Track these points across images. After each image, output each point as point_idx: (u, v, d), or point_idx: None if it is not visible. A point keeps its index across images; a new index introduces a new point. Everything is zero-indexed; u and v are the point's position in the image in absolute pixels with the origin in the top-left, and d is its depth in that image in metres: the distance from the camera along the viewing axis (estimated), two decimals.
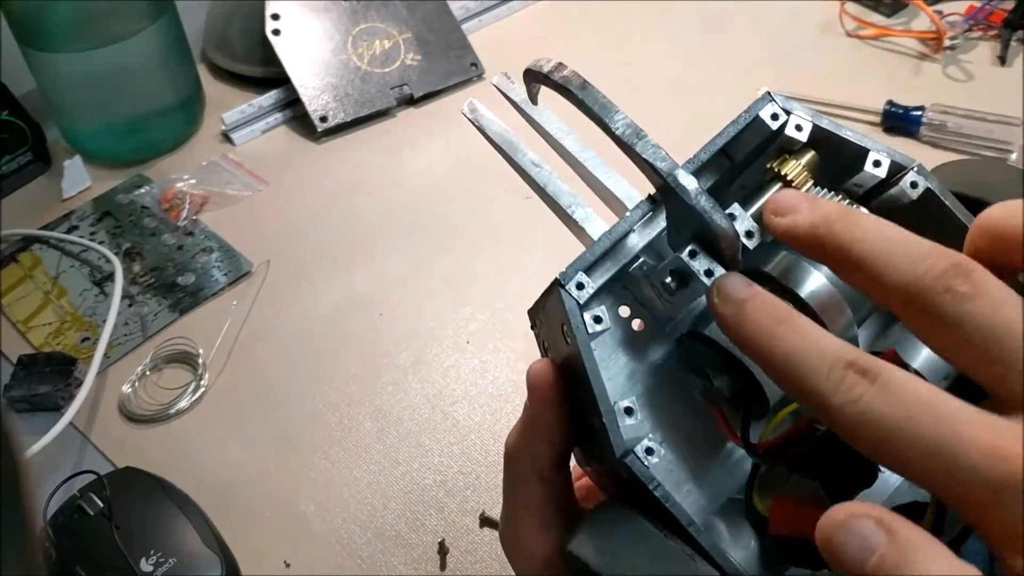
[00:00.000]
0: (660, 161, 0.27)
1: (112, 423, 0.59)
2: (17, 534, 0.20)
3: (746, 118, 0.30)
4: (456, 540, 0.52)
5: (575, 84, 0.29)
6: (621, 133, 0.28)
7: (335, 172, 0.77)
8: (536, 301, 0.32)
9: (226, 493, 0.54)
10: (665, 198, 0.28)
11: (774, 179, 0.30)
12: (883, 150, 0.29)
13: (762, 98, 0.30)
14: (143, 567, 0.47)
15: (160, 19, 0.74)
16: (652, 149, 0.27)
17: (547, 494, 0.31)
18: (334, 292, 0.67)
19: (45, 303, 0.67)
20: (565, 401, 0.30)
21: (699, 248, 0.27)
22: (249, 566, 0.50)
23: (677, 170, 0.27)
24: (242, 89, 0.85)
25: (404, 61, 0.83)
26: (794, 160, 0.29)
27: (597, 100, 0.28)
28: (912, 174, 0.29)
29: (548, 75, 0.30)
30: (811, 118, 0.30)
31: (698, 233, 0.27)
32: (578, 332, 0.27)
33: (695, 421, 0.31)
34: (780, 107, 0.29)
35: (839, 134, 0.29)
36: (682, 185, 0.27)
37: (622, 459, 0.26)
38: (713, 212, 0.27)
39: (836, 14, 0.88)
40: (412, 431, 0.58)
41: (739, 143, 0.30)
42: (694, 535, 0.26)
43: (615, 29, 0.90)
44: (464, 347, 0.62)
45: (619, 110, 0.28)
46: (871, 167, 0.29)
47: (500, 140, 0.35)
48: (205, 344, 0.63)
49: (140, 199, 0.75)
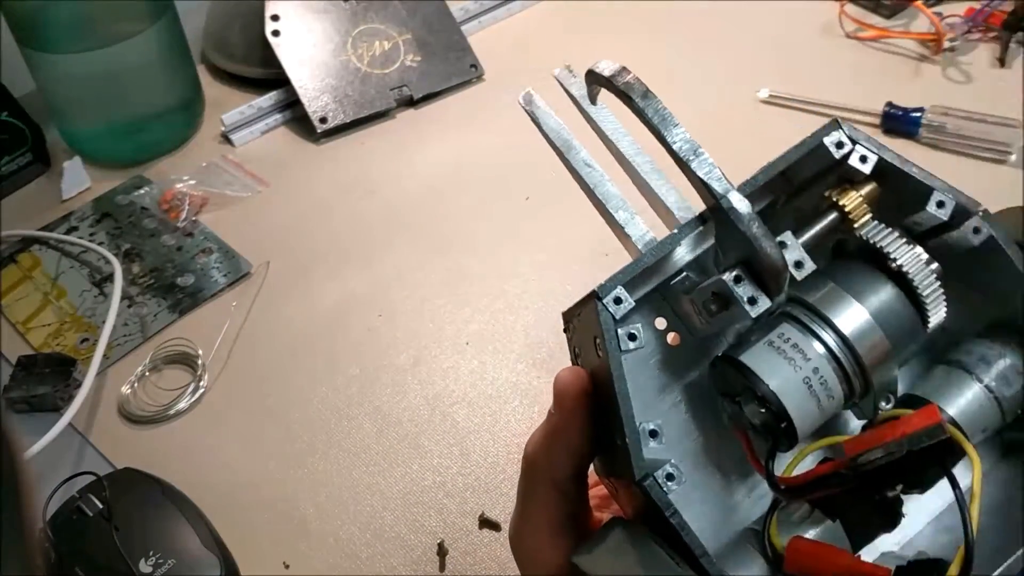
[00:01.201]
0: (715, 181, 0.27)
1: (111, 424, 0.59)
2: (17, 534, 0.20)
3: (810, 143, 0.29)
4: (455, 541, 0.52)
5: (637, 92, 0.28)
6: (679, 148, 0.27)
7: (335, 173, 0.77)
8: (572, 306, 0.31)
9: (225, 494, 0.54)
10: (716, 218, 0.27)
11: (831, 208, 0.29)
12: (948, 191, 0.29)
13: (829, 124, 0.29)
14: (142, 568, 0.47)
15: (160, 20, 0.74)
16: (708, 168, 0.27)
17: (562, 502, 0.31)
18: (334, 293, 0.67)
19: (44, 304, 0.67)
20: (591, 412, 0.29)
21: (744, 274, 0.27)
22: (248, 567, 0.50)
23: (731, 192, 0.27)
24: (242, 90, 0.85)
25: (404, 62, 0.83)
26: (854, 191, 0.29)
27: (657, 111, 0.28)
28: (976, 220, 0.28)
29: (610, 79, 0.29)
30: (876, 150, 0.29)
31: (746, 258, 0.27)
32: (611, 348, 0.27)
33: (724, 443, 0.30)
34: (846, 135, 0.29)
35: (904, 170, 0.29)
36: (735, 208, 0.26)
37: (641, 482, 0.26)
38: (763, 240, 0.26)
39: (836, 16, 0.88)
40: (411, 432, 0.58)
41: (800, 167, 0.29)
42: (705, 566, 0.25)
43: (615, 30, 0.90)
44: (463, 348, 0.62)
45: (678, 123, 0.28)
46: (934, 207, 0.29)
47: (554, 135, 0.34)
48: (205, 345, 0.63)
49: (140, 200, 0.75)
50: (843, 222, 0.29)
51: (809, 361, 0.27)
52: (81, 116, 0.77)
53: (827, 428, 0.29)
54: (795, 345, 0.27)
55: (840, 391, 0.28)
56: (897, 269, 0.28)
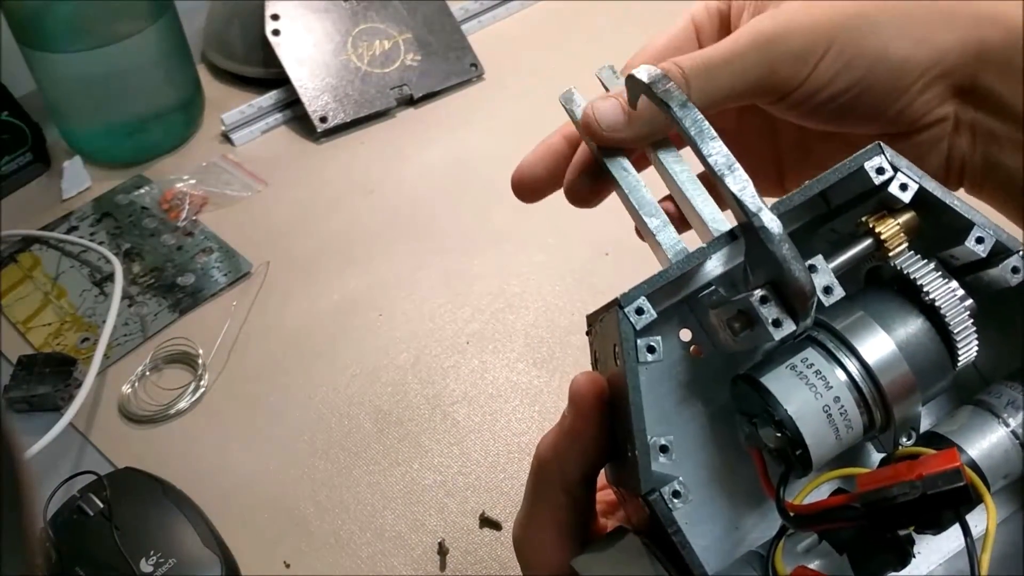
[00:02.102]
0: (748, 198, 0.26)
1: (112, 423, 0.59)
2: (17, 534, 0.20)
3: (850, 166, 0.28)
4: (456, 540, 0.52)
5: (677, 100, 0.28)
6: (714, 162, 0.27)
7: (335, 172, 0.77)
8: (596, 310, 0.30)
9: (226, 493, 0.54)
10: (747, 236, 0.27)
11: (866, 235, 0.28)
12: (989, 227, 0.28)
13: (871, 148, 0.28)
14: (143, 567, 0.47)
15: (160, 19, 0.74)
16: (742, 184, 0.27)
17: (570, 506, 0.31)
18: (334, 292, 0.67)
19: (45, 303, 0.67)
20: (606, 418, 0.29)
21: (772, 294, 0.26)
22: (249, 566, 0.50)
23: (763, 211, 0.26)
24: (242, 90, 0.85)
25: (404, 62, 0.83)
26: (892, 219, 0.28)
27: (696, 122, 0.28)
28: (1016, 259, 0.28)
29: (650, 86, 0.29)
30: (919, 179, 0.28)
31: (774, 279, 0.26)
32: (628, 359, 0.27)
33: (739, 463, 0.30)
34: (887, 161, 0.28)
35: (946, 201, 0.28)
36: (766, 228, 0.26)
37: (646, 496, 0.26)
38: (793, 262, 0.25)
39: None
40: (412, 431, 0.58)
41: (837, 190, 0.29)
42: None
43: (615, 30, 0.90)
44: (464, 347, 0.62)
45: (715, 136, 0.27)
46: (973, 243, 0.28)
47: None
48: (205, 344, 0.63)
49: (140, 200, 0.75)
50: (878, 249, 0.28)
51: (831, 389, 0.26)
52: (81, 116, 0.77)
53: (845, 458, 0.28)
54: (818, 371, 0.27)
55: (860, 422, 0.27)
56: (930, 302, 0.27)
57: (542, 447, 0.32)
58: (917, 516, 0.25)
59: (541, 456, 0.32)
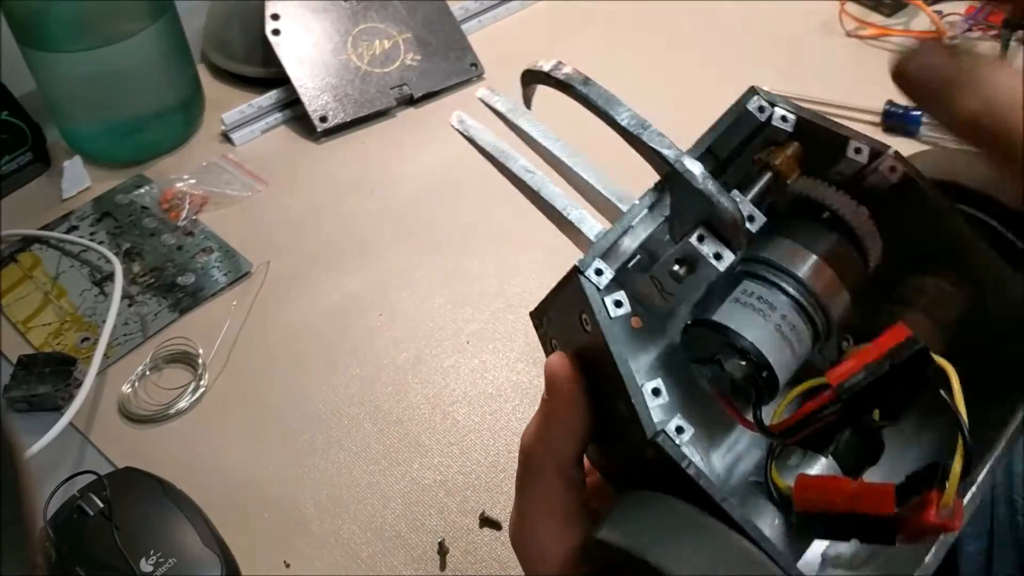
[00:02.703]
0: (666, 148, 0.28)
1: (112, 423, 0.59)
2: (17, 534, 0.20)
3: (736, 110, 0.31)
4: (456, 540, 0.52)
5: (577, 80, 0.29)
6: (627, 124, 0.28)
7: (335, 172, 0.77)
8: (540, 302, 0.32)
9: (226, 493, 0.54)
10: (671, 185, 0.29)
11: (764, 169, 0.30)
12: (862, 137, 0.31)
13: (747, 92, 0.31)
14: (143, 567, 0.47)
15: (160, 19, 0.74)
16: (658, 138, 0.28)
17: (567, 491, 0.31)
18: (334, 292, 0.67)
19: (45, 303, 0.67)
20: (585, 393, 0.30)
21: (706, 233, 0.28)
22: (249, 566, 0.50)
23: (684, 157, 0.28)
24: (242, 89, 0.85)
25: (404, 61, 0.83)
26: (780, 151, 0.30)
27: (601, 94, 0.29)
28: (890, 159, 0.30)
29: (549, 73, 0.30)
30: (794, 109, 0.31)
31: (704, 218, 0.28)
32: (600, 316, 0.28)
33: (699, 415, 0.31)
34: (765, 100, 0.31)
35: (820, 123, 0.31)
36: (689, 170, 0.28)
37: (654, 439, 0.26)
38: (720, 195, 0.27)
39: (836, 14, 0.88)
40: (412, 431, 0.58)
41: (728, 137, 0.31)
42: (728, 510, 0.26)
43: (615, 30, 0.90)
44: (464, 347, 0.62)
45: (623, 102, 0.29)
46: (853, 153, 0.31)
47: (492, 149, 0.35)
48: (205, 344, 0.63)
49: (140, 199, 0.75)
50: (776, 180, 0.31)
51: (776, 310, 0.29)
52: (81, 115, 0.77)
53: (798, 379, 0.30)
54: (760, 298, 0.29)
55: (808, 333, 0.29)
56: (832, 215, 0.30)
57: (527, 438, 0.31)
58: (888, 392, 0.27)
59: (527, 447, 0.31)
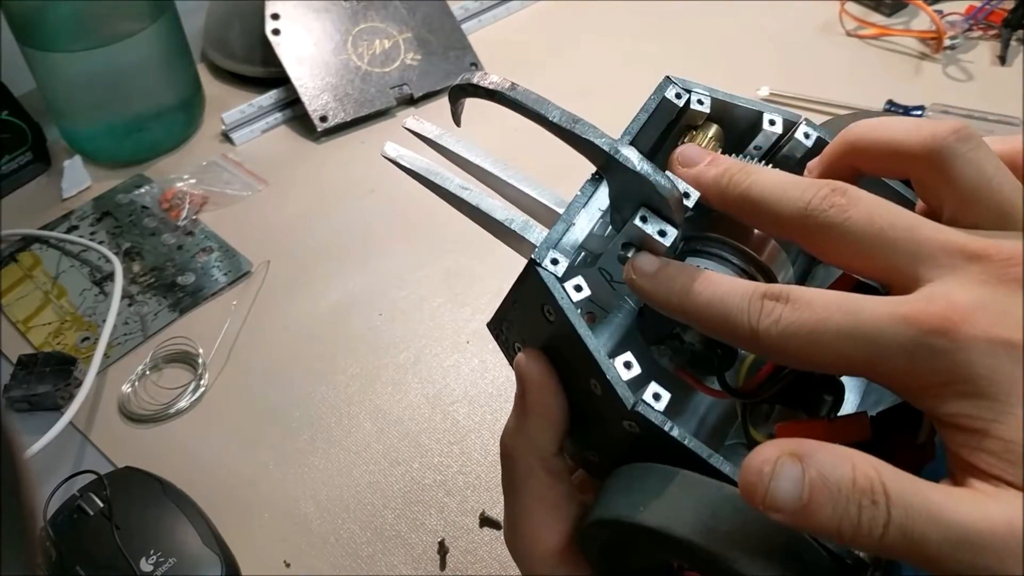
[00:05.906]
0: (599, 139, 0.29)
1: (112, 423, 0.59)
2: (17, 533, 0.20)
3: (655, 100, 0.32)
4: (456, 540, 0.52)
5: (504, 87, 0.30)
6: (559, 120, 0.29)
7: (335, 172, 0.77)
8: (496, 311, 0.33)
9: (226, 493, 0.54)
10: (609, 174, 0.29)
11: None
12: (775, 110, 0.32)
13: (662, 82, 0.32)
14: (143, 567, 0.47)
15: (160, 19, 0.74)
16: (591, 130, 0.29)
17: (555, 482, 0.31)
18: (334, 292, 0.67)
19: (45, 303, 0.67)
20: (558, 384, 0.30)
21: (648, 213, 0.29)
22: (249, 566, 0.50)
23: (619, 144, 0.29)
24: (242, 89, 0.85)
25: (404, 61, 0.83)
26: (701, 134, 0.32)
27: (530, 96, 0.29)
28: (804, 126, 0.32)
29: (477, 84, 0.31)
30: (708, 92, 0.32)
31: (644, 200, 0.29)
32: (563, 303, 0.28)
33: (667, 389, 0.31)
34: (680, 87, 0.32)
35: (734, 102, 0.32)
36: (625, 155, 0.28)
37: (633, 410, 0.26)
38: (657, 175, 0.28)
39: (836, 14, 0.88)
40: (412, 431, 0.58)
41: (650, 127, 0.32)
42: (716, 466, 0.26)
43: (615, 30, 0.90)
44: (464, 347, 0.62)
45: (552, 102, 0.29)
46: (767, 126, 0.32)
47: (426, 172, 0.36)
48: (205, 344, 0.63)
49: (140, 199, 0.75)
50: None
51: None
52: (81, 115, 0.77)
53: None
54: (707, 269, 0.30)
55: None
56: None
57: (507, 437, 0.32)
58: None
59: (508, 445, 0.32)
